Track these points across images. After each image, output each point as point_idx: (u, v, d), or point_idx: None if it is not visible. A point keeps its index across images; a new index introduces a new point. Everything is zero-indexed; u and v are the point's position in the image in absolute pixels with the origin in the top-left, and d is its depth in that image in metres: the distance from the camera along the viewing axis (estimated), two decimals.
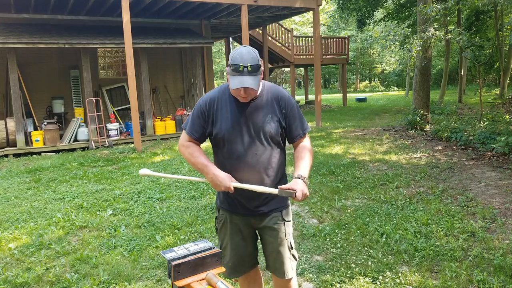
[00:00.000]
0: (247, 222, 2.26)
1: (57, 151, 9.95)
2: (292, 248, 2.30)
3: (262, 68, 2.10)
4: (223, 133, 2.13)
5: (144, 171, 2.27)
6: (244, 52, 2.00)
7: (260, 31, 16.75)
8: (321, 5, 12.43)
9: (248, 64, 1.98)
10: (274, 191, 2.02)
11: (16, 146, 9.70)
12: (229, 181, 2.08)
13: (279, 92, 2.21)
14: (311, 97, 23.05)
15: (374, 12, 18.62)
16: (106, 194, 5.78)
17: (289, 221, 2.29)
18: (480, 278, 3.04)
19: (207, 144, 2.30)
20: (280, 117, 2.16)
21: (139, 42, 10.52)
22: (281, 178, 2.26)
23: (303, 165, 2.14)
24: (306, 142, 2.26)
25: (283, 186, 2.02)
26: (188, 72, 13.24)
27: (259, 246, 2.41)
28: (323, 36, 20.37)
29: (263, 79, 2.20)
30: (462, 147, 7.85)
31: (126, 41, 9.33)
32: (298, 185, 2.01)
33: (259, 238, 2.37)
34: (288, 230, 2.27)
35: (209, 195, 5.50)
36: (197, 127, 2.19)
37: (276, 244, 2.25)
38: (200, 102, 2.20)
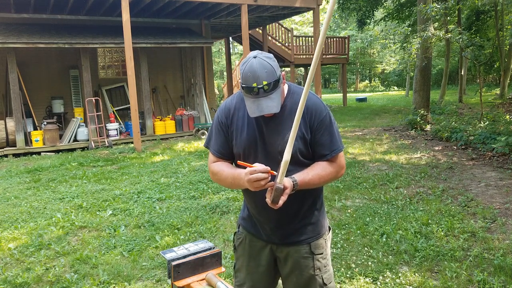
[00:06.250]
0: (270, 249, 1.90)
1: (57, 151, 9.94)
2: (325, 284, 1.85)
3: (283, 73, 1.70)
4: (238, 151, 1.79)
5: None
6: (255, 67, 1.59)
7: (260, 31, 16.74)
8: (321, 4, 12.43)
9: (264, 83, 1.59)
10: (280, 181, 1.56)
11: (15, 146, 9.70)
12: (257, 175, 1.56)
13: (309, 99, 1.75)
14: None
15: (374, 12, 18.62)
16: (106, 194, 5.77)
17: (320, 253, 1.86)
18: (480, 278, 3.03)
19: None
20: (305, 131, 1.73)
21: (139, 42, 10.52)
22: (312, 206, 1.84)
23: (307, 171, 1.70)
24: (333, 163, 1.77)
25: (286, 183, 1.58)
26: (188, 72, 13.24)
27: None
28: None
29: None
30: (463, 147, 7.84)
31: (126, 41, 9.32)
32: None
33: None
34: (318, 265, 1.84)
35: (209, 195, 5.49)
36: (222, 142, 1.83)
37: (301, 282, 1.86)
38: (217, 113, 1.86)
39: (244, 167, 1.65)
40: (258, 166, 1.59)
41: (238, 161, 1.73)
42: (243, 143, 1.76)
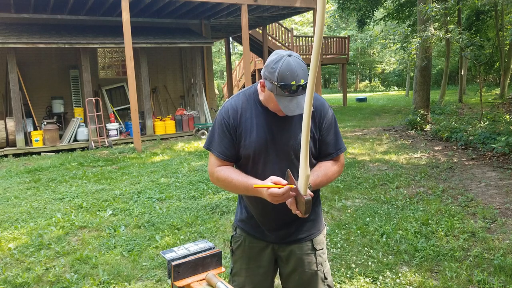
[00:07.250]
0: (271, 249, 1.90)
1: (57, 151, 9.94)
2: (326, 278, 1.89)
3: None
4: (247, 152, 1.75)
5: None
6: (293, 65, 1.56)
7: (260, 31, 16.74)
8: None
9: (302, 81, 1.57)
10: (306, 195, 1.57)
11: (15, 146, 9.69)
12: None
13: (316, 99, 1.78)
14: None
15: (374, 12, 18.61)
16: (106, 194, 5.77)
17: (321, 249, 1.91)
18: (480, 278, 3.03)
19: None
20: (315, 131, 1.75)
21: (139, 42, 10.52)
22: (314, 203, 1.87)
23: (316, 173, 1.71)
24: (337, 162, 1.82)
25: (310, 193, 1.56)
26: (188, 72, 13.24)
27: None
28: (323, 36, 20.35)
29: None
30: (463, 147, 7.84)
31: (126, 41, 9.32)
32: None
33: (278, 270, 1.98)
34: (320, 260, 1.89)
35: (209, 195, 5.49)
36: (227, 144, 1.76)
37: (305, 279, 1.88)
38: (222, 114, 1.78)
39: (256, 172, 1.72)
40: (276, 181, 1.56)
41: (254, 185, 1.65)
42: (253, 144, 1.74)
